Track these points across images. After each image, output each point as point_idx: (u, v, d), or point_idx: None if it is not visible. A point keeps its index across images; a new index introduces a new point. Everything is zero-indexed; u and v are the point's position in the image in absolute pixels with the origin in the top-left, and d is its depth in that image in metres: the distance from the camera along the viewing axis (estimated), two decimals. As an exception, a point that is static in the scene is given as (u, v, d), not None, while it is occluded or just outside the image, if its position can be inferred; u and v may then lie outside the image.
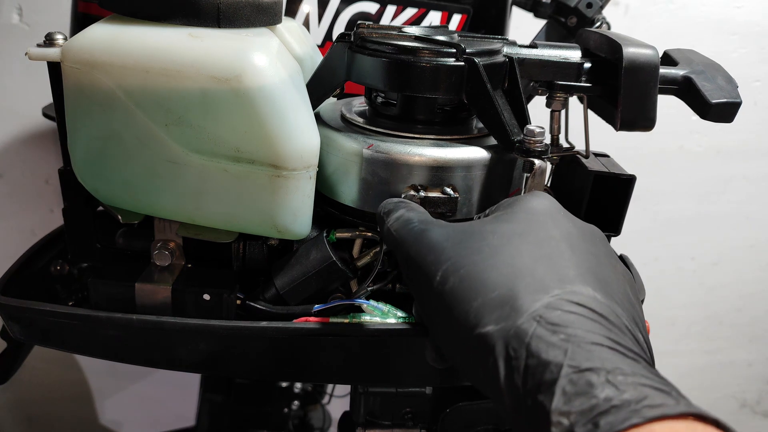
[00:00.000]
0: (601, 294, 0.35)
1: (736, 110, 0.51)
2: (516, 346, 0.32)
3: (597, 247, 0.39)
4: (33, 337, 0.54)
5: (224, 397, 1.05)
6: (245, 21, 0.49)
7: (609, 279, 0.37)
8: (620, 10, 1.15)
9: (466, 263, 0.36)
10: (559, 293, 0.34)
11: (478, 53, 0.49)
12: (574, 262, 0.36)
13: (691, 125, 1.25)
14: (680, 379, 1.53)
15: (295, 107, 0.47)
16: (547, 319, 0.32)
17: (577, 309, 0.33)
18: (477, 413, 0.64)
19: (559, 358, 0.30)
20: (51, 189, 1.11)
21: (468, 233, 0.39)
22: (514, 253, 0.36)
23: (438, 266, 0.37)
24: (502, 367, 0.32)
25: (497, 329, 0.33)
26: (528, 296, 0.34)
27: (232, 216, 0.49)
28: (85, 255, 0.57)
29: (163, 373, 1.26)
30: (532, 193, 0.43)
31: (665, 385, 0.30)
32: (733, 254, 1.40)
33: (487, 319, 0.34)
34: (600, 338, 0.31)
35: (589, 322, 0.32)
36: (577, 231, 0.39)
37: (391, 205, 0.45)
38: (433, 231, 0.40)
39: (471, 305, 0.35)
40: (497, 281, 0.35)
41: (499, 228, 0.38)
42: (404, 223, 0.42)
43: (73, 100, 0.48)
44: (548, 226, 0.39)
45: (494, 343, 0.33)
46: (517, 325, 0.32)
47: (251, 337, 0.50)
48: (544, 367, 0.30)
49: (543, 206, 0.41)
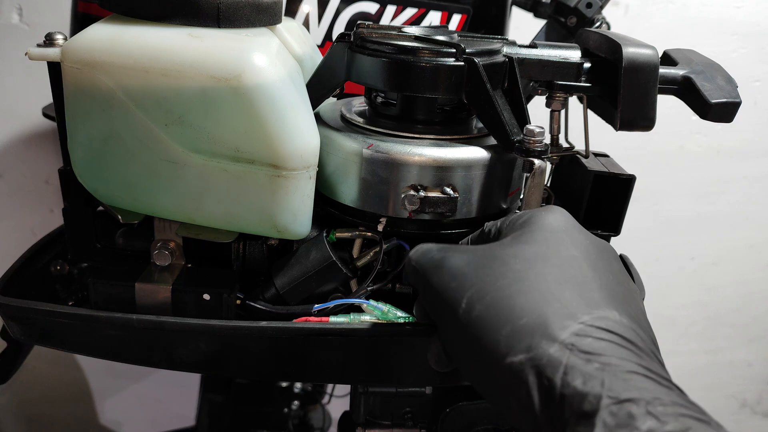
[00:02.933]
0: (626, 318, 0.35)
1: (735, 110, 0.51)
2: (550, 375, 0.32)
3: (612, 264, 0.39)
4: (33, 337, 0.54)
5: (224, 397, 1.05)
6: (245, 21, 0.49)
7: (628, 299, 0.37)
8: (620, 10, 1.15)
9: (491, 290, 0.36)
10: (588, 319, 0.34)
11: (478, 53, 0.49)
12: (597, 283, 0.36)
13: (691, 125, 1.25)
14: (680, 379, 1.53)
15: (294, 107, 0.47)
16: (580, 348, 0.32)
17: (608, 336, 0.33)
18: (477, 413, 0.64)
19: (597, 389, 0.30)
20: (51, 189, 1.11)
21: (489, 258, 0.38)
22: (539, 278, 0.36)
23: (462, 293, 0.37)
24: (536, 398, 0.32)
25: (529, 358, 0.33)
26: (557, 323, 0.33)
27: (232, 216, 0.49)
28: (85, 255, 0.57)
29: (163, 373, 1.26)
30: (547, 208, 0.42)
31: (703, 414, 0.30)
32: (733, 254, 1.40)
33: (518, 348, 0.33)
34: (634, 366, 0.31)
35: (621, 349, 0.32)
36: (595, 249, 0.39)
37: (420, 253, 0.45)
38: (453, 258, 0.39)
39: (500, 333, 0.34)
40: (525, 307, 0.35)
41: (520, 251, 0.38)
42: (423, 253, 0.41)
43: (73, 100, 0.48)
44: (567, 244, 0.38)
45: (527, 372, 0.33)
46: (549, 354, 0.32)
47: (251, 337, 0.50)
48: (582, 398, 0.30)
49: (559, 223, 0.40)
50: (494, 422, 0.64)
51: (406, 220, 0.51)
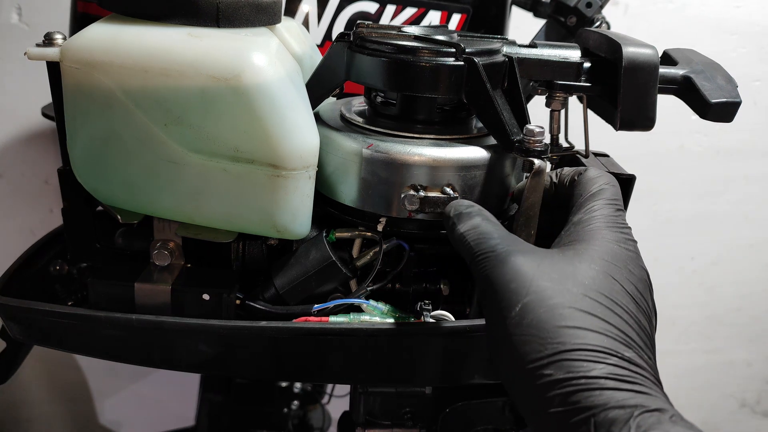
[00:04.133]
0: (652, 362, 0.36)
1: (735, 110, 0.51)
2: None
3: (648, 299, 0.39)
4: (32, 337, 0.54)
5: (224, 397, 1.05)
6: (244, 21, 0.49)
7: (653, 342, 0.37)
8: (620, 10, 1.15)
9: (547, 304, 0.36)
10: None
11: (478, 53, 0.49)
12: (636, 326, 0.36)
13: (690, 125, 1.25)
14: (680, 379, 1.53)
15: (294, 107, 0.47)
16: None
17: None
18: (477, 413, 0.64)
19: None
20: (50, 189, 1.11)
21: (557, 269, 0.38)
22: (590, 308, 0.36)
23: (519, 298, 0.36)
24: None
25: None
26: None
27: (232, 216, 0.49)
28: (84, 255, 0.57)
29: (163, 373, 1.26)
30: (615, 232, 0.41)
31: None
32: (732, 254, 1.40)
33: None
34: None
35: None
36: (643, 286, 0.39)
37: (463, 208, 0.44)
38: (520, 258, 0.39)
39: (543, 352, 0.34)
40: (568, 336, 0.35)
41: (580, 271, 0.38)
42: (484, 237, 0.41)
43: (73, 100, 0.48)
44: (623, 279, 0.38)
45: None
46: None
47: (251, 337, 0.50)
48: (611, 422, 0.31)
49: (624, 254, 0.40)
50: (494, 422, 0.64)
51: (405, 220, 0.51)
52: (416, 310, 0.51)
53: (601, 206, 0.43)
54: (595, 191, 0.44)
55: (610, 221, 0.42)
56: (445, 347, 0.51)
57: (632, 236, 0.42)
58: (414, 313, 0.52)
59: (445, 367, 0.52)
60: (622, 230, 0.41)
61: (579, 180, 0.46)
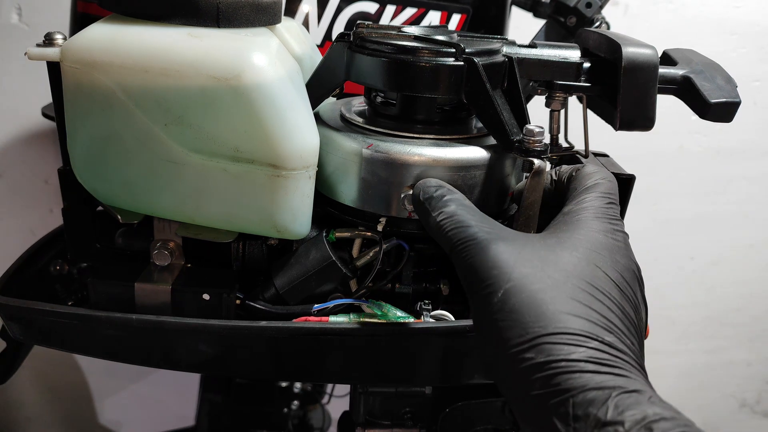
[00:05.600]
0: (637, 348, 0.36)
1: (735, 110, 0.51)
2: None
3: (637, 291, 0.39)
4: (32, 337, 0.54)
5: (224, 397, 1.05)
6: (244, 21, 0.49)
7: (638, 329, 0.38)
8: (619, 10, 1.15)
9: (528, 290, 0.36)
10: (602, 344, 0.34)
11: (478, 53, 0.49)
12: (619, 312, 0.37)
13: (690, 125, 1.25)
14: (680, 379, 1.53)
15: (294, 107, 0.47)
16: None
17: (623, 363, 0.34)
18: (476, 413, 0.64)
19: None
20: (51, 189, 1.11)
21: (538, 256, 0.38)
22: (571, 293, 0.36)
23: (501, 284, 0.37)
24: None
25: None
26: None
27: (232, 216, 0.49)
28: (84, 255, 0.57)
29: (163, 373, 1.26)
30: (604, 223, 0.42)
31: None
32: (732, 254, 1.40)
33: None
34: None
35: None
36: (629, 274, 0.39)
37: (432, 191, 0.44)
38: (501, 245, 0.39)
39: (525, 335, 0.35)
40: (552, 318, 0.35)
41: (562, 258, 0.38)
42: (461, 226, 0.41)
43: (73, 100, 0.48)
44: (607, 267, 0.38)
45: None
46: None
47: (251, 337, 0.50)
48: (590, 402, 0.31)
49: (610, 243, 0.40)
50: (494, 422, 0.64)
51: (405, 219, 0.51)
52: (416, 310, 0.52)
53: (593, 198, 0.43)
54: (590, 185, 0.45)
55: (600, 212, 0.42)
56: (445, 347, 0.51)
57: (622, 228, 0.42)
58: (414, 313, 0.52)
59: (445, 367, 0.52)
60: (611, 221, 0.42)
61: (576, 175, 0.47)
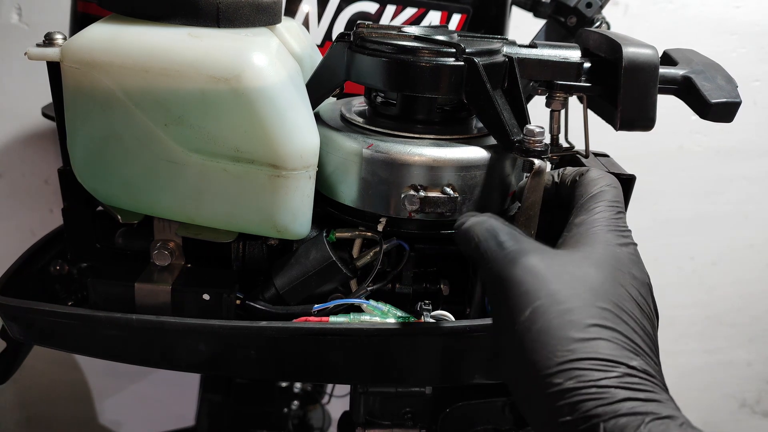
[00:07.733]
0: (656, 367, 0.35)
1: (735, 110, 0.51)
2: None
3: (649, 304, 0.39)
4: (32, 337, 0.54)
5: (224, 397, 1.05)
6: (245, 21, 0.49)
7: (656, 345, 0.37)
8: (620, 10, 1.15)
9: (557, 310, 0.35)
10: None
11: (478, 53, 0.49)
12: (641, 331, 0.36)
13: (690, 125, 1.25)
14: (680, 379, 1.52)
15: (294, 107, 0.47)
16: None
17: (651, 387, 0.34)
18: (477, 413, 0.64)
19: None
20: (51, 189, 1.11)
21: (567, 271, 0.37)
22: (599, 315, 0.36)
23: (530, 301, 0.36)
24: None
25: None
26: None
27: (232, 216, 0.49)
28: (84, 255, 0.57)
29: (163, 373, 1.25)
30: (618, 236, 0.41)
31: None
32: (732, 254, 1.40)
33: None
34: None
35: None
36: (645, 290, 0.39)
37: (471, 215, 0.43)
38: (530, 258, 0.38)
39: (553, 360, 0.34)
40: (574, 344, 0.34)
41: (589, 275, 0.37)
42: (491, 234, 0.40)
43: (73, 100, 0.48)
44: (628, 284, 0.38)
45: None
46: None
47: (251, 337, 0.50)
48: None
49: (627, 258, 0.40)
50: (494, 422, 0.64)
51: (405, 220, 0.51)
52: (416, 310, 0.51)
53: (602, 209, 0.43)
54: (596, 193, 0.44)
55: (612, 224, 0.42)
56: (445, 347, 0.51)
57: (633, 239, 0.42)
58: (414, 313, 0.52)
59: (445, 367, 0.52)
60: (623, 233, 0.41)
61: (581, 181, 0.46)
